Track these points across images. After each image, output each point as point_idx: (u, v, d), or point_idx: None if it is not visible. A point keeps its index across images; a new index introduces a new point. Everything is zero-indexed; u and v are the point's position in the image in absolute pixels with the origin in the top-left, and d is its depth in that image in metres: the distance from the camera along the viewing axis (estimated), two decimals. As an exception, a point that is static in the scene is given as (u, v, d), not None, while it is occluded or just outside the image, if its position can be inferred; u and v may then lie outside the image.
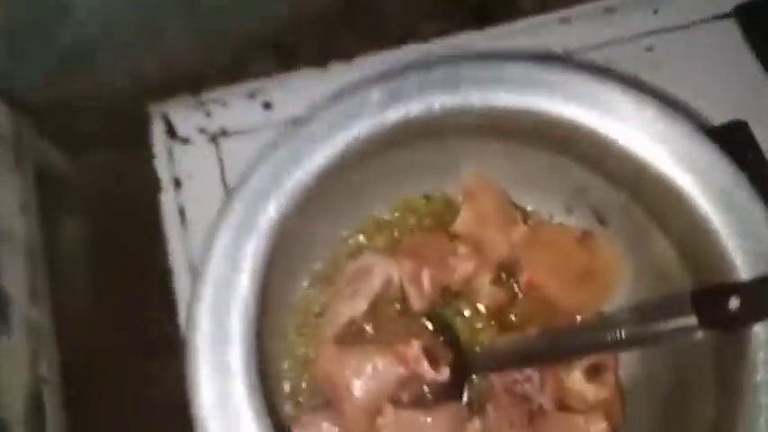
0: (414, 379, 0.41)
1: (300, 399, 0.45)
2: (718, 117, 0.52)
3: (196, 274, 0.52)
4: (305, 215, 0.42)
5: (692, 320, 0.34)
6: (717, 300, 0.34)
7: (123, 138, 0.83)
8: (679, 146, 0.39)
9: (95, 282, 0.78)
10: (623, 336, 0.35)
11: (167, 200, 0.56)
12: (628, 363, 0.44)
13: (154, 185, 0.81)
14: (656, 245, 0.42)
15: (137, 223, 0.79)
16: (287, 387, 0.46)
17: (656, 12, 0.60)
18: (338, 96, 0.39)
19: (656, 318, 0.35)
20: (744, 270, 0.36)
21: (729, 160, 0.38)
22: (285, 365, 0.46)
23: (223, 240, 0.40)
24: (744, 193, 0.37)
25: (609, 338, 0.36)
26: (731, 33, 0.59)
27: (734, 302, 0.33)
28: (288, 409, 0.45)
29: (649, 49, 0.58)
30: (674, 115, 0.40)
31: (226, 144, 0.57)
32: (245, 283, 0.39)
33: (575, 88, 0.39)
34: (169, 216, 0.56)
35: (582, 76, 0.40)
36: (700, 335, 0.34)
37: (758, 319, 0.34)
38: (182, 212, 0.56)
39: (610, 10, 0.59)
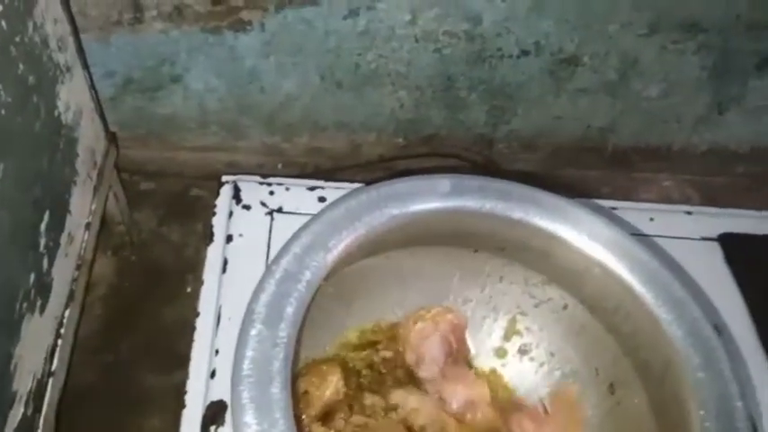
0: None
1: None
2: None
3: (220, 319, 0.60)
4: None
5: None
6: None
7: (182, 209, 0.93)
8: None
9: (110, 324, 0.84)
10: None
11: (215, 250, 0.64)
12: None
13: (188, 258, 0.89)
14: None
15: (161, 281, 0.86)
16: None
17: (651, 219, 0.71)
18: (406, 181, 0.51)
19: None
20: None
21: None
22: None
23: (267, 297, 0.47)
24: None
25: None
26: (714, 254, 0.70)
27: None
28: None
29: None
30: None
31: (279, 219, 0.66)
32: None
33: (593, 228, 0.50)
34: (212, 264, 0.63)
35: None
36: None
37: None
38: (225, 263, 0.63)
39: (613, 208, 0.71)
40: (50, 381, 0.58)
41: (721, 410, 0.43)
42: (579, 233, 0.51)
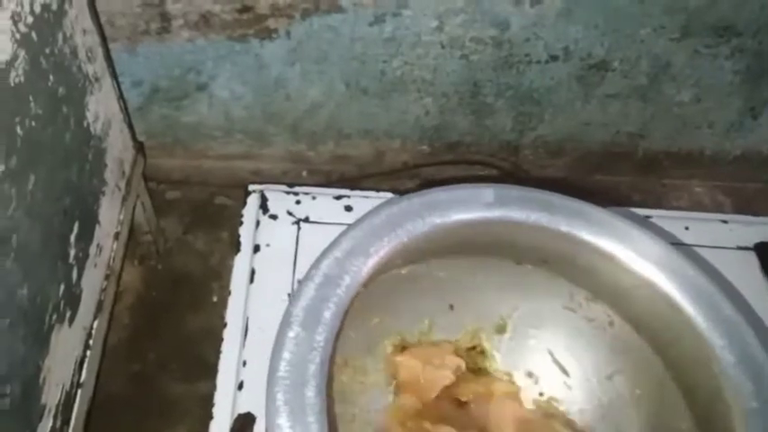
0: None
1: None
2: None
3: (248, 330, 0.60)
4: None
5: None
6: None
7: (207, 217, 0.93)
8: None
9: (137, 333, 0.84)
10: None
11: (243, 260, 0.64)
12: None
13: (213, 266, 0.89)
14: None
15: (187, 290, 0.86)
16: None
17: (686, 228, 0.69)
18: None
19: None
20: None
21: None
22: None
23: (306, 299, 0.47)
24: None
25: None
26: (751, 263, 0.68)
27: None
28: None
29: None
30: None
31: (306, 228, 0.66)
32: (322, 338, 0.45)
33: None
34: (240, 274, 0.63)
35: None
36: None
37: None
38: (252, 273, 0.63)
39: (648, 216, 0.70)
40: (79, 392, 0.58)
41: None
42: (626, 249, 0.50)
